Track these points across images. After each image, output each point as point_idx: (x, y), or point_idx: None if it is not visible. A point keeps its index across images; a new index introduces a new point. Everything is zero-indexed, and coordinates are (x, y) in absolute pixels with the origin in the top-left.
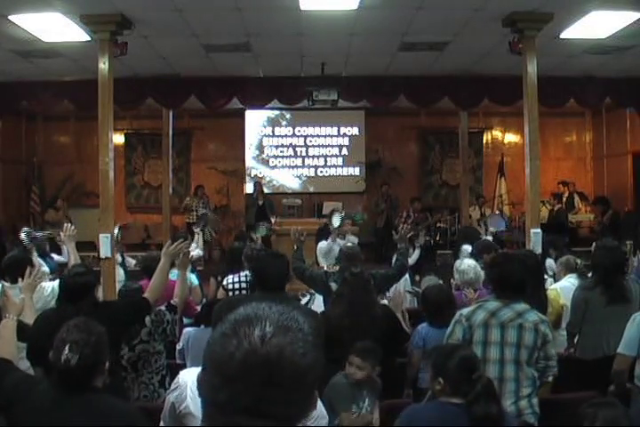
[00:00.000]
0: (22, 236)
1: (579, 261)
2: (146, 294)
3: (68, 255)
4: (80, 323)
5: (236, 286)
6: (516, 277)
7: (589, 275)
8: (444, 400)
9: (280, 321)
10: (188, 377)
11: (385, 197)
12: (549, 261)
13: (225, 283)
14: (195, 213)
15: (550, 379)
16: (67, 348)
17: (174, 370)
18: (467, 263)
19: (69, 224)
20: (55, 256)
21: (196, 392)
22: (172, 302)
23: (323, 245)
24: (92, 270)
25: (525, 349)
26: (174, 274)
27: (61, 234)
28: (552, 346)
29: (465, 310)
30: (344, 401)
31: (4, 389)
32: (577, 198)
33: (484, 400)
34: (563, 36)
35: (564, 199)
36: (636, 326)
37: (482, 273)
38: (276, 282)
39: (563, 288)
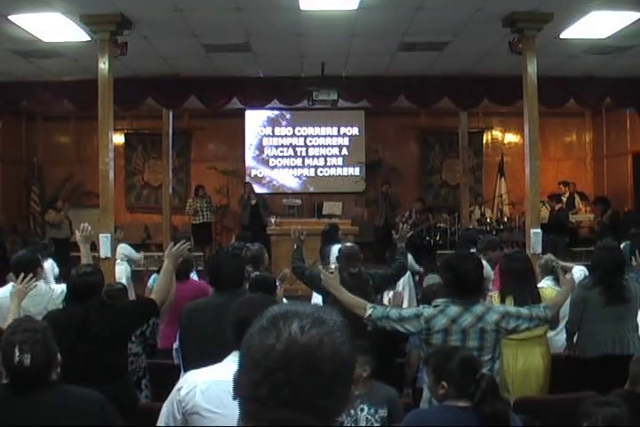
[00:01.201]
0: None
1: (555, 263)
2: (152, 295)
3: (81, 257)
4: (22, 323)
5: None
6: (472, 279)
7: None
8: (450, 404)
9: (315, 314)
10: (198, 378)
11: (385, 196)
12: None
13: None
14: (202, 213)
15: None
16: (16, 349)
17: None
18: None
19: (86, 224)
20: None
21: (206, 393)
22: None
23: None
24: (100, 270)
25: (488, 349)
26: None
27: (77, 233)
28: (522, 324)
29: (427, 311)
30: None
31: None
32: (577, 199)
33: (490, 399)
34: (563, 36)
35: (565, 199)
36: None
37: (491, 273)
38: (230, 280)
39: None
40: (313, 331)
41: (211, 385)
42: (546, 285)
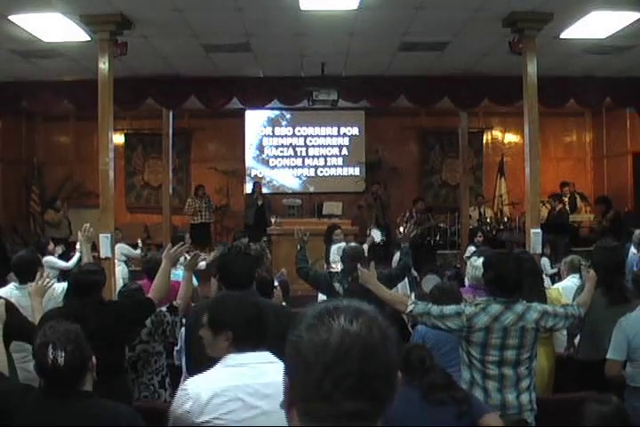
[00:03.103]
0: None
1: (583, 262)
2: (150, 295)
3: (81, 256)
4: (54, 325)
5: None
6: (512, 277)
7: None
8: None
9: (355, 306)
10: (200, 387)
11: (375, 196)
12: (544, 260)
13: None
14: (201, 213)
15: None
16: (50, 348)
17: (174, 371)
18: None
19: (88, 225)
20: (59, 261)
21: (212, 401)
22: (174, 303)
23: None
24: (103, 270)
25: (527, 347)
26: (177, 275)
27: (79, 234)
28: (561, 322)
29: (468, 309)
30: None
31: None
32: (578, 199)
33: (427, 373)
34: (563, 36)
35: (567, 199)
36: (622, 330)
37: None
38: (240, 278)
39: (565, 288)
40: (360, 320)
41: (217, 393)
42: (571, 283)
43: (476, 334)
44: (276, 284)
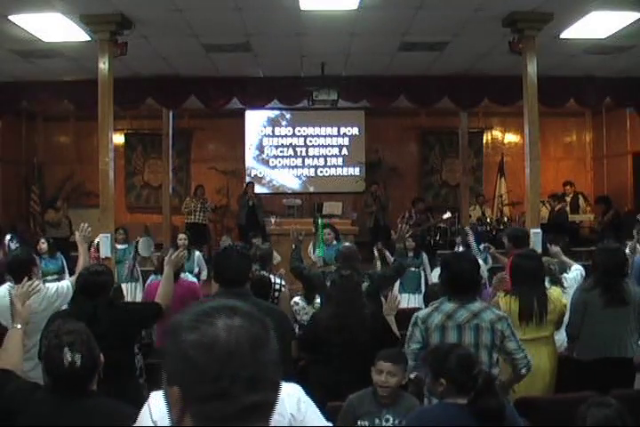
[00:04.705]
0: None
1: (552, 267)
2: (157, 300)
3: (79, 256)
4: (64, 327)
5: None
6: (466, 277)
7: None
8: (450, 401)
9: (228, 304)
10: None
11: (374, 197)
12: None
13: None
14: (195, 213)
15: (524, 372)
16: (66, 350)
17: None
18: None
19: (85, 224)
20: None
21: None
22: None
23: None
24: (110, 271)
25: (484, 348)
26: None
27: (76, 234)
28: (511, 341)
29: (421, 313)
30: (365, 415)
31: (2, 398)
32: (581, 199)
33: (484, 396)
34: (563, 36)
35: (569, 200)
36: None
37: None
38: (234, 277)
39: None
40: (238, 314)
41: None
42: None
43: (433, 334)
44: (283, 282)
